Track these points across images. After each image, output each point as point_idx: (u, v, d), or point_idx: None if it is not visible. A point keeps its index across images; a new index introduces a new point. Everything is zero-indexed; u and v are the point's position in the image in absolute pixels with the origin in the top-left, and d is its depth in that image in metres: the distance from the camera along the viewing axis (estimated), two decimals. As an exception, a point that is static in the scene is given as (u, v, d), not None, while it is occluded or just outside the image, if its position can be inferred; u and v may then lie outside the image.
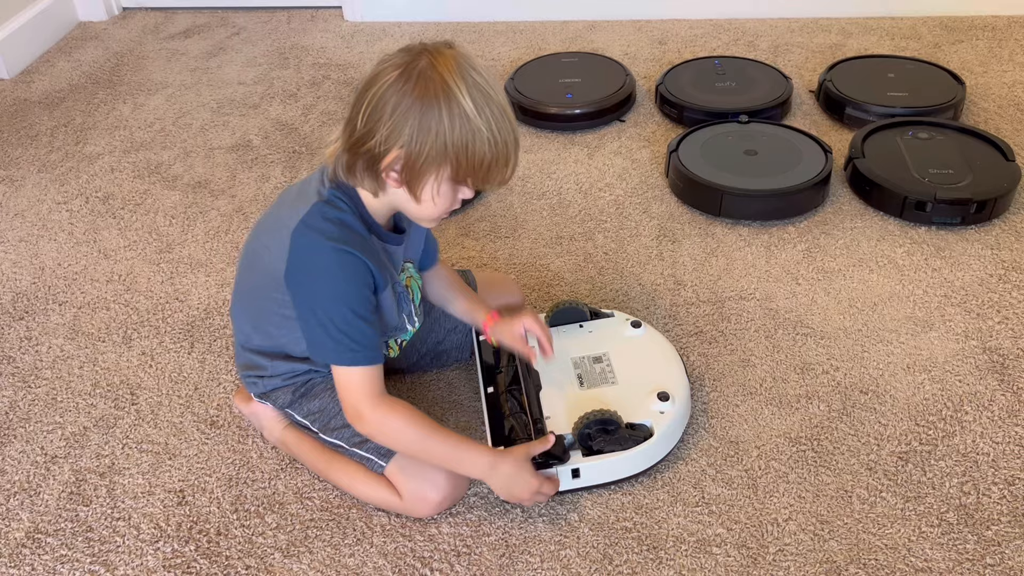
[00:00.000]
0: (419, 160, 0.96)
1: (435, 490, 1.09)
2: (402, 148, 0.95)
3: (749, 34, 2.37)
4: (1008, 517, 1.09)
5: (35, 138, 2.02)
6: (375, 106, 0.95)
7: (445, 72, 0.94)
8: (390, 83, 0.94)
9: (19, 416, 1.30)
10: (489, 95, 0.96)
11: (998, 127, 1.88)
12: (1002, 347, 1.34)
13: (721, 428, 1.23)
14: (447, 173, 0.98)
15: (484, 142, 0.95)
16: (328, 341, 1.02)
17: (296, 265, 1.03)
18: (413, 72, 0.94)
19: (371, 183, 1.01)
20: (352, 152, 0.99)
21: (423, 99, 0.93)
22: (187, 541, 1.11)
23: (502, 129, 0.96)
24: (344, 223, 1.02)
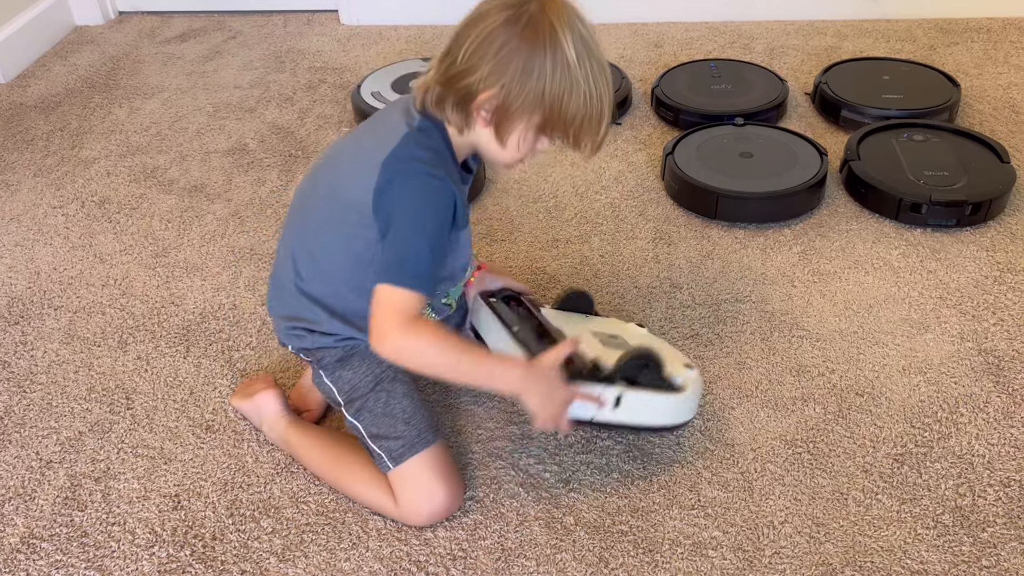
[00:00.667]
0: (515, 103, 0.97)
1: (430, 502, 1.09)
2: (501, 88, 0.96)
3: (745, 37, 2.37)
4: (1004, 519, 1.09)
5: (31, 142, 2.02)
6: (480, 43, 0.96)
7: (555, 18, 0.94)
8: (500, 23, 0.95)
9: (14, 421, 1.30)
10: (591, 48, 0.97)
11: (993, 129, 1.89)
12: (997, 349, 1.35)
13: (717, 431, 1.23)
14: (537, 121, 0.99)
15: (580, 95, 0.96)
16: (393, 263, 1.00)
17: (385, 191, 1.01)
18: (523, 14, 0.95)
19: (459, 119, 1.01)
20: (446, 85, 0.99)
21: (531, 43, 0.94)
22: (182, 546, 1.10)
23: (599, 85, 0.97)
24: (437, 151, 1.03)
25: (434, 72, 1.01)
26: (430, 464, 1.10)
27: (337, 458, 1.16)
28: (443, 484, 1.09)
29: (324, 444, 1.19)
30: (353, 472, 1.14)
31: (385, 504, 1.11)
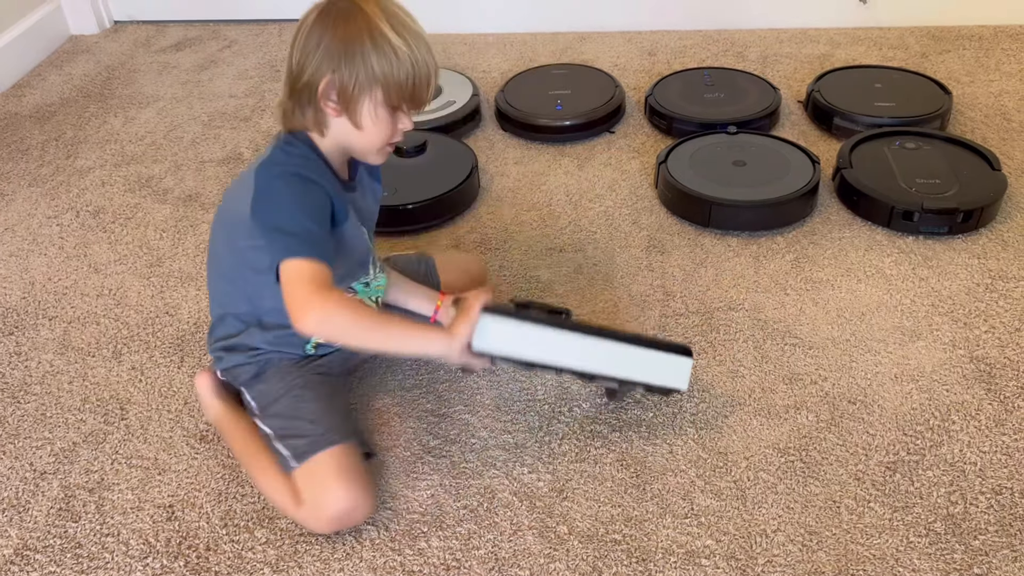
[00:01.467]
0: (351, 84, 1.04)
1: (334, 504, 1.08)
2: (333, 73, 1.03)
3: (738, 45, 2.38)
4: (995, 527, 1.10)
5: (26, 152, 2.02)
6: (304, 43, 1.04)
7: (365, 5, 1.03)
8: (313, 20, 1.04)
9: (8, 432, 1.30)
10: (405, 22, 1.05)
11: (985, 136, 1.90)
12: (989, 356, 1.35)
13: (710, 439, 1.23)
14: (380, 96, 1.05)
15: (406, 61, 1.04)
16: (281, 242, 1.03)
17: (259, 195, 1.07)
18: (333, 10, 1.04)
19: (313, 117, 1.08)
20: (291, 94, 1.07)
21: (346, 27, 1.03)
22: (176, 557, 1.11)
23: (419, 50, 1.05)
24: (304, 156, 1.09)
25: (282, 92, 1.10)
26: (336, 464, 1.10)
27: (254, 453, 1.18)
28: (349, 486, 1.09)
29: (245, 438, 1.20)
30: (264, 470, 1.15)
31: (288, 505, 1.12)
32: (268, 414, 1.17)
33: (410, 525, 1.13)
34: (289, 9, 2.64)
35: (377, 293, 1.26)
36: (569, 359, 1.14)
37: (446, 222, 1.71)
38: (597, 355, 1.16)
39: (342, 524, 1.10)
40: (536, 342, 1.13)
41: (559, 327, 1.13)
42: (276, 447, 1.14)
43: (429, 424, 1.27)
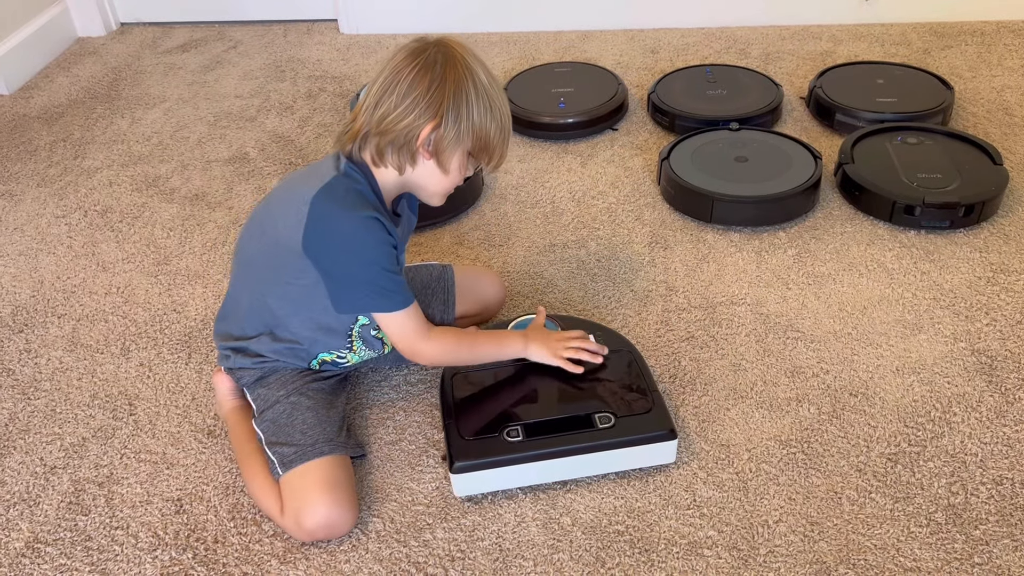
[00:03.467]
0: (452, 132, 1.07)
1: (312, 516, 1.08)
2: (440, 120, 1.06)
3: (740, 42, 2.39)
4: (996, 517, 1.11)
5: (34, 153, 2.04)
6: (409, 89, 1.06)
7: (463, 53, 1.08)
8: (419, 70, 1.06)
9: (18, 427, 1.31)
10: (492, 76, 1.10)
11: (986, 131, 1.90)
12: (990, 349, 1.36)
13: (712, 431, 1.24)
14: (469, 145, 1.10)
15: (497, 115, 1.09)
16: (366, 295, 1.11)
17: (318, 232, 1.08)
18: (435, 58, 1.07)
19: (401, 159, 1.10)
20: (385, 133, 1.08)
21: (455, 77, 1.06)
22: (185, 549, 1.12)
23: (505, 105, 1.11)
24: (363, 195, 1.10)
25: (364, 122, 1.10)
26: (319, 476, 1.10)
27: (247, 455, 1.19)
28: (329, 499, 1.09)
29: (243, 440, 1.21)
30: (255, 474, 1.17)
31: (272, 510, 1.13)
32: (263, 418, 1.18)
33: (415, 517, 1.14)
34: (293, 10, 2.66)
35: None
36: (557, 475, 1.16)
37: (450, 219, 1.72)
38: (581, 466, 1.16)
39: (321, 536, 1.10)
40: (520, 474, 1.15)
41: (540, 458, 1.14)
42: (266, 452, 1.16)
43: (434, 418, 1.28)
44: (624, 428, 1.15)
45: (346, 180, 1.10)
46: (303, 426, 1.15)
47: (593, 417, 1.17)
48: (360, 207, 1.08)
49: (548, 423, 1.16)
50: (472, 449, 1.14)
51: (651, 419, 1.17)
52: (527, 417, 1.17)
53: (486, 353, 1.21)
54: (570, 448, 1.14)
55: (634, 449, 1.16)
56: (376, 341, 1.24)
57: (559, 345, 1.23)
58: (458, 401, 1.21)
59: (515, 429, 1.15)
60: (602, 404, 1.19)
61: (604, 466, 1.17)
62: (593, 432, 1.15)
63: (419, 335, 1.14)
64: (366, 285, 1.10)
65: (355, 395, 1.33)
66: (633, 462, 1.18)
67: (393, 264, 1.11)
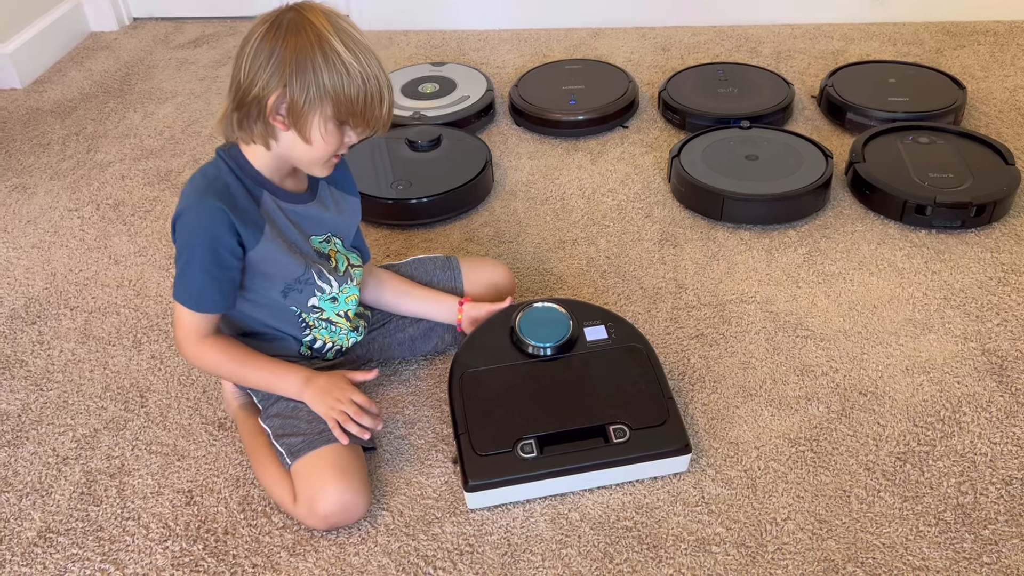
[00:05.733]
0: (301, 99, 1.03)
1: (324, 501, 1.09)
2: (284, 87, 1.02)
3: (752, 41, 2.38)
4: (1005, 516, 1.11)
5: (47, 146, 2.06)
6: (253, 57, 1.03)
7: (314, 18, 1.02)
8: (263, 34, 1.03)
9: (31, 418, 1.32)
10: (356, 39, 1.04)
11: (999, 131, 1.90)
12: (1001, 349, 1.36)
13: (721, 429, 1.24)
14: (329, 111, 1.04)
15: (357, 77, 1.03)
16: (178, 279, 1.10)
17: (174, 220, 1.10)
18: (283, 23, 1.02)
19: (262, 131, 1.07)
20: (239, 107, 1.06)
21: (298, 43, 1.01)
22: (195, 540, 1.13)
23: (371, 66, 1.05)
24: (217, 177, 1.09)
25: (226, 102, 1.09)
26: (329, 462, 1.11)
27: (257, 448, 1.20)
28: (340, 485, 1.09)
29: (252, 435, 1.22)
30: (265, 466, 1.18)
31: (286, 501, 1.14)
32: (268, 414, 1.19)
33: (424, 511, 1.15)
34: (305, 6, 2.66)
35: (348, 306, 1.24)
36: (570, 488, 1.16)
37: (460, 216, 1.73)
38: (594, 480, 1.16)
39: (335, 522, 1.11)
40: (534, 489, 1.15)
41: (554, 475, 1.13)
42: (275, 445, 1.16)
43: (443, 412, 1.29)
44: (638, 443, 1.14)
45: (208, 167, 1.10)
46: (307, 416, 1.15)
47: (607, 429, 1.15)
48: (204, 193, 1.07)
49: (562, 435, 1.15)
50: (486, 467, 1.12)
51: (666, 433, 1.15)
52: (541, 428, 1.15)
53: (255, 382, 1.17)
54: (584, 465, 1.13)
55: (648, 463, 1.15)
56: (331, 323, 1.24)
57: (336, 402, 1.13)
58: (469, 408, 1.18)
59: (529, 444, 1.13)
60: (616, 413, 1.16)
61: (617, 478, 1.16)
62: (608, 448, 1.13)
63: (190, 336, 1.12)
64: (180, 268, 1.09)
65: (364, 389, 1.34)
66: (646, 473, 1.17)
67: (208, 260, 1.07)
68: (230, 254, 1.09)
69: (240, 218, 1.08)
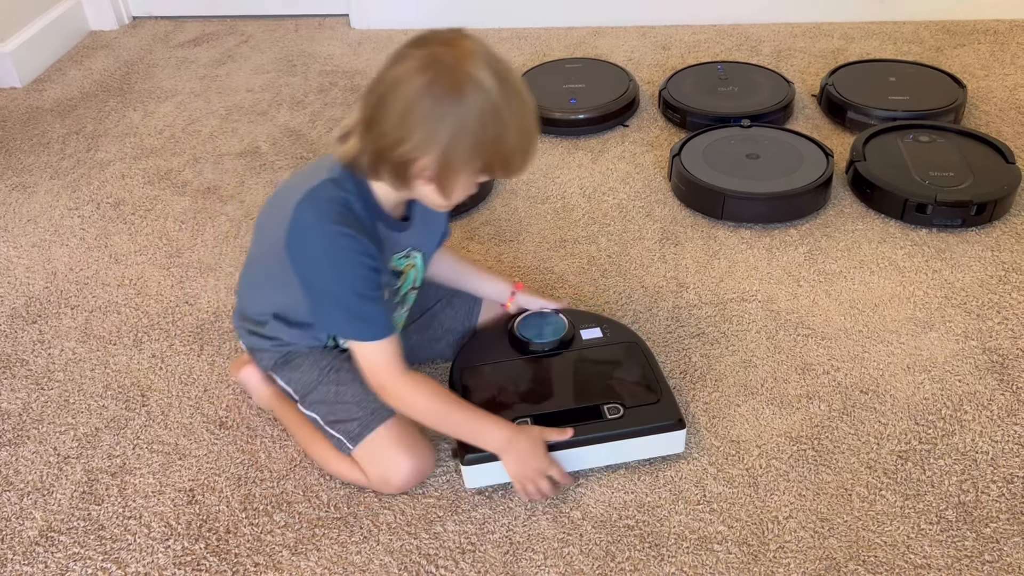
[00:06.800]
0: (454, 162, 0.98)
1: (398, 473, 1.14)
2: (439, 152, 0.96)
3: (752, 39, 2.38)
4: (1007, 515, 1.11)
5: (47, 145, 2.05)
6: (405, 112, 0.95)
7: (471, 66, 0.94)
8: (420, 87, 0.94)
9: (32, 417, 1.32)
10: (511, 84, 0.98)
11: (999, 130, 1.90)
12: (1002, 347, 1.36)
13: (723, 427, 1.24)
14: (477, 167, 1.00)
15: (512, 133, 0.98)
16: (340, 317, 1.07)
17: (294, 238, 1.05)
18: (440, 72, 0.94)
19: (396, 182, 1.02)
20: (379, 155, 1.00)
21: (455, 99, 0.94)
22: (197, 539, 1.13)
23: (525, 117, 1.00)
24: (347, 205, 1.05)
25: (360, 141, 1.02)
26: (390, 437, 1.14)
27: (308, 438, 1.21)
28: (406, 453, 1.13)
29: (297, 423, 1.23)
30: (324, 451, 1.19)
31: (360, 478, 1.16)
32: (310, 401, 1.19)
33: (426, 509, 1.15)
34: (305, 5, 2.66)
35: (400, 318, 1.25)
36: (567, 466, 1.16)
37: (461, 215, 1.72)
38: (590, 457, 1.17)
39: (413, 484, 1.16)
40: None
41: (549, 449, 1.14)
42: (328, 432, 1.17)
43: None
44: (633, 418, 1.16)
45: (332, 187, 1.04)
46: (354, 398, 1.15)
47: (602, 408, 1.17)
48: (337, 220, 1.02)
49: (557, 415, 1.17)
50: None
51: (659, 409, 1.18)
52: (537, 409, 1.18)
53: (459, 430, 1.12)
54: (579, 439, 1.14)
55: (643, 439, 1.16)
56: None
57: (536, 474, 1.11)
58: (468, 396, 1.21)
59: (525, 421, 1.16)
60: (611, 395, 1.19)
61: (613, 456, 1.18)
62: (602, 423, 1.16)
63: (391, 372, 1.07)
64: (339, 306, 1.06)
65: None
66: (642, 452, 1.18)
67: (369, 287, 1.05)
68: (378, 278, 1.06)
69: (375, 246, 1.06)
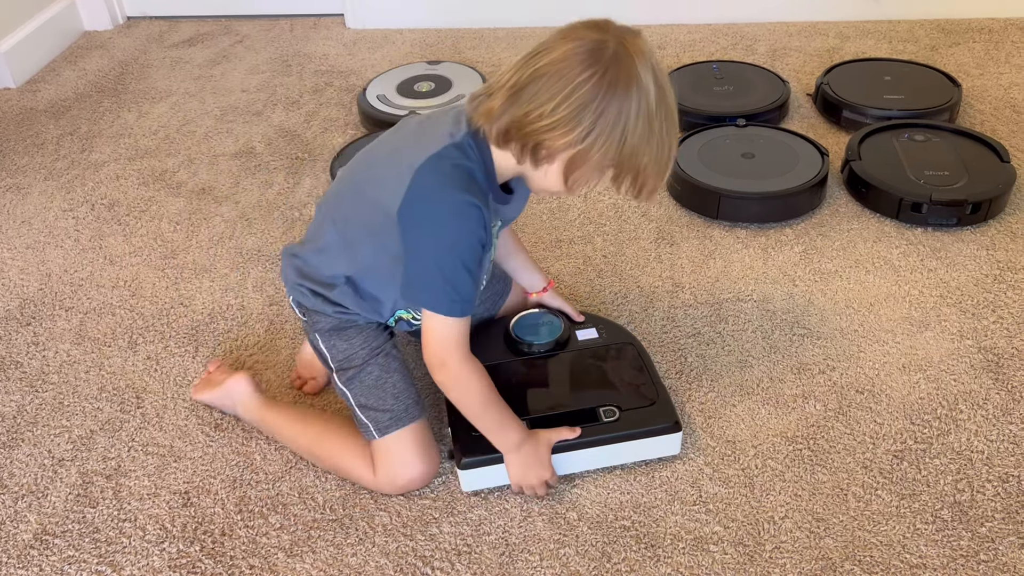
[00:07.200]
0: (594, 156, 0.96)
1: (407, 474, 1.15)
2: (581, 142, 0.94)
3: (747, 38, 2.39)
4: (1002, 514, 1.11)
5: (41, 146, 2.05)
6: (564, 97, 0.92)
7: (639, 62, 0.93)
8: (584, 76, 0.92)
9: (27, 420, 1.32)
10: (666, 93, 0.96)
11: (994, 128, 1.90)
12: (997, 346, 1.36)
13: (718, 428, 1.24)
14: (610, 172, 0.99)
15: (655, 146, 0.96)
16: (433, 287, 1.02)
17: (415, 203, 1.01)
18: (607, 62, 0.92)
19: (523, 156, 0.99)
20: (520, 128, 0.96)
21: (618, 95, 0.92)
22: (192, 542, 1.12)
23: (671, 135, 0.98)
24: (472, 174, 1.01)
25: (502, 103, 0.97)
26: (413, 439, 1.15)
27: (319, 433, 1.21)
28: (422, 458, 1.15)
29: (305, 419, 1.24)
30: (334, 445, 1.19)
31: (364, 475, 1.17)
32: (351, 377, 1.17)
33: (422, 511, 1.15)
34: (300, 5, 2.66)
35: None
36: (563, 469, 1.17)
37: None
38: (586, 460, 1.17)
39: (411, 488, 1.17)
40: None
41: None
42: (356, 415, 1.17)
43: (440, 412, 1.28)
44: (628, 421, 1.16)
45: (457, 153, 1.00)
46: (394, 390, 1.16)
47: (598, 411, 1.17)
48: (463, 188, 0.99)
49: (553, 417, 1.16)
50: (479, 445, 1.14)
51: (655, 411, 1.17)
52: (533, 412, 1.18)
53: (486, 423, 1.11)
54: (576, 442, 1.14)
55: (639, 442, 1.16)
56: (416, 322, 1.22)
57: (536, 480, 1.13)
58: None
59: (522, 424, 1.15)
60: (607, 397, 1.19)
61: (609, 459, 1.18)
62: (598, 426, 1.16)
63: (458, 350, 1.05)
64: (440, 276, 1.01)
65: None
66: (638, 455, 1.18)
67: (473, 262, 1.02)
68: (485, 253, 1.04)
69: (489, 219, 1.03)
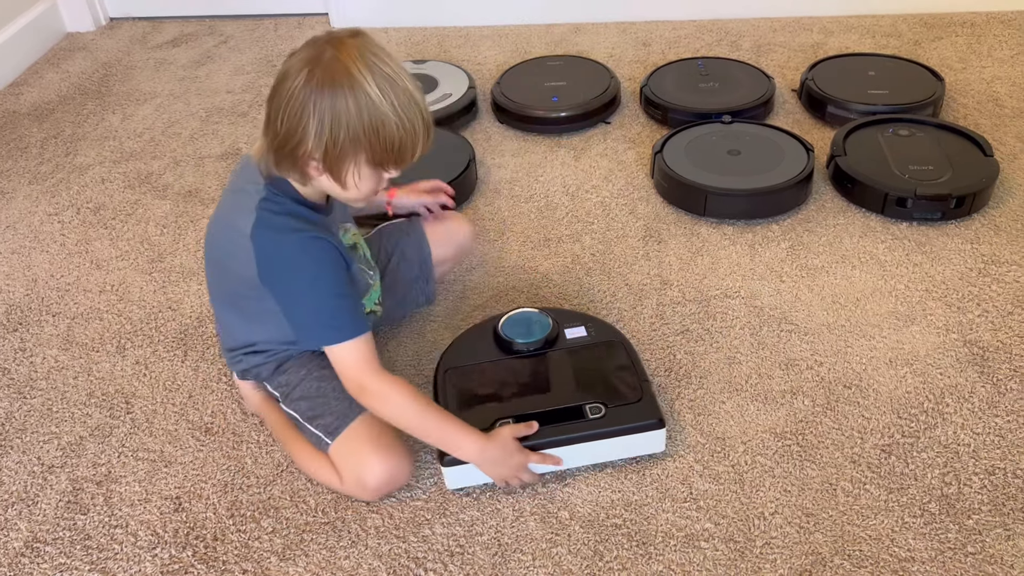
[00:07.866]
0: (335, 150, 1.01)
1: (372, 474, 1.13)
2: (319, 140, 1.01)
3: (732, 34, 2.39)
4: (988, 506, 1.12)
5: (25, 150, 2.03)
6: (289, 106, 1.00)
7: (349, 62, 0.99)
8: (301, 83, 0.99)
9: (15, 427, 1.31)
10: (394, 80, 1.01)
11: (977, 123, 1.91)
12: (982, 340, 1.37)
13: (708, 425, 1.25)
14: (364, 158, 1.03)
15: (392, 125, 1.01)
16: (318, 325, 1.09)
17: (265, 264, 1.09)
18: (318, 66, 0.99)
19: (297, 176, 1.07)
20: (277, 152, 1.05)
21: (332, 92, 0.99)
22: (184, 547, 1.12)
23: (408, 110, 1.02)
24: (292, 213, 1.09)
25: (263, 140, 1.07)
26: (368, 434, 1.14)
27: (289, 439, 1.22)
28: (381, 454, 1.13)
29: (280, 426, 1.24)
30: (303, 448, 1.20)
31: (332, 480, 1.17)
32: (292, 398, 1.20)
33: (414, 512, 1.15)
34: (284, 4, 2.65)
35: (375, 296, 1.28)
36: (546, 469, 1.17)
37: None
38: (573, 456, 1.17)
39: (387, 491, 1.15)
40: None
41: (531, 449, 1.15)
42: (307, 429, 1.17)
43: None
44: (613, 418, 1.17)
45: (269, 205, 1.09)
46: (335, 392, 1.16)
47: (584, 408, 1.18)
48: (293, 229, 1.07)
49: (541, 415, 1.17)
50: None
51: (640, 408, 1.18)
52: (519, 410, 1.18)
53: (434, 436, 1.13)
54: (560, 439, 1.15)
55: (623, 439, 1.17)
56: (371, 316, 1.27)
57: (515, 472, 1.14)
58: (451, 397, 1.21)
59: (507, 422, 1.16)
60: (593, 395, 1.20)
61: (595, 456, 1.18)
62: (583, 423, 1.16)
63: (368, 369, 1.09)
64: (316, 312, 1.08)
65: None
66: (623, 452, 1.19)
67: (341, 284, 1.09)
68: (348, 276, 1.11)
69: (337, 242, 1.10)
